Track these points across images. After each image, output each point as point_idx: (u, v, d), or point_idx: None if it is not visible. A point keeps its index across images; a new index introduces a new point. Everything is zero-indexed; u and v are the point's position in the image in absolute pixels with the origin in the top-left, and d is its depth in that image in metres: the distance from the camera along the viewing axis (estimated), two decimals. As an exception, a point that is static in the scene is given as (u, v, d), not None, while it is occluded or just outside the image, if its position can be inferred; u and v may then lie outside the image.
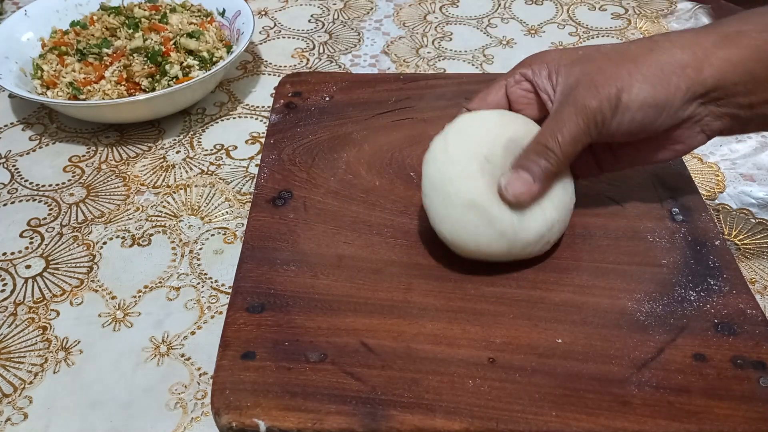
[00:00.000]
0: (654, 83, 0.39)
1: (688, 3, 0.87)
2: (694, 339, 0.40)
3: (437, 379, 0.38)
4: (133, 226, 0.58)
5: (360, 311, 0.42)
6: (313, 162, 0.53)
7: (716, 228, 0.47)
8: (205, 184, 0.62)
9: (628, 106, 0.39)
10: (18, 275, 0.54)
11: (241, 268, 0.45)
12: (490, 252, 0.42)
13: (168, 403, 0.46)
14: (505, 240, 0.42)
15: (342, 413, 0.36)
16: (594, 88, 0.40)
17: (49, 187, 0.62)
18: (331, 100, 0.59)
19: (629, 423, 0.36)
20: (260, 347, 0.39)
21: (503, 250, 0.42)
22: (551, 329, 0.40)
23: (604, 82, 0.40)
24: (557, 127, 0.41)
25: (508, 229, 0.41)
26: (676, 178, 0.51)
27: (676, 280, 0.43)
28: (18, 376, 0.47)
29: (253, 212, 0.49)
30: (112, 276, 0.54)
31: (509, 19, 0.86)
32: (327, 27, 0.85)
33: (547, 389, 0.37)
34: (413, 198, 0.49)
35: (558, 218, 0.43)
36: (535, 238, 0.42)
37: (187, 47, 0.69)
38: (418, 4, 0.89)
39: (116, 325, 0.51)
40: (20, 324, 0.51)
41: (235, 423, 0.36)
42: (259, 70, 0.77)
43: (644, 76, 0.39)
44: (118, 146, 0.67)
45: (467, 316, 0.41)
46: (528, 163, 0.41)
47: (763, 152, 0.65)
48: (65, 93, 0.66)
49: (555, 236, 0.44)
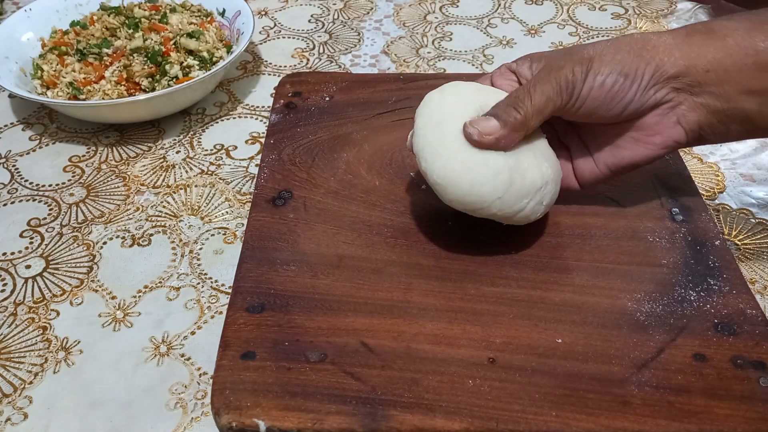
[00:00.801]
0: (625, 54, 0.41)
1: (688, 3, 0.87)
2: (694, 339, 0.40)
3: (437, 379, 0.38)
4: (133, 226, 0.58)
5: (360, 311, 0.42)
6: (313, 162, 0.53)
7: (716, 228, 0.47)
8: (205, 184, 0.62)
9: (600, 70, 0.41)
10: (18, 275, 0.54)
11: (241, 268, 0.45)
12: (483, 193, 0.41)
13: (168, 403, 0.46)
14: (500, 181, 0.41)
15: (342, 413, 0.36)
16: (568, 57, 0.42)
17: (49, 187, 0.62)
18: (331, 100, 0.59)
19: (629, 423, 0.36)
20: (260, 347, 0.40)
21: (498, 191, 0.41)
22: (551, 329, 0.40)
23: (579, 52, 0.42)
24: (531, 85, 0.42)
25: (505, 169, 0.41)
26: (676, 178, 0.51)
27: (676, 280, 0.43)
28: (18, 376, 0.47)
29: (253, 212, 0.49)
30: (112, 276, 0.54)
31: (509, 19, 0.86)
32: (327, 27, 0.85)
33: (547, 389, 0.37)
34: (413, 198, 0.49)
35: (552, 177, 0.43)
36: (531, 188, 0.41)
37: (187, 47, 0.69)
38: (418, 4, 0.89)
39: (116, 325, 0.51)
40: (20, 324, 0.51)
41: (235, 423, 0.36)
42: (259, 70, 0.77)
43: (617, 49, 0.41)
44: (118, 146, 0.67)
45: (467, 316, 0.41)
46: (498, 111, 0.42)
47: (763, 152, 0.65)
48: (65, 93, 0.66)
49: (549, 196, 0.43)
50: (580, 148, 0.46)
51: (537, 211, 0.43)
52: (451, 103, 0.43)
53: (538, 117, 0.42)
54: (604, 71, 0.41)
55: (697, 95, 0.41)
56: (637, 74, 0.41)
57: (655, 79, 0.41)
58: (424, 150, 0.42)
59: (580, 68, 0.41)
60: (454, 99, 0.43)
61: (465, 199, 0.41)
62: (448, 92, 0.44)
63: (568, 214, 0.48)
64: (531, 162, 0.42)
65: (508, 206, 0.41)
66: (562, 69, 0.41)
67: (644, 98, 0.41)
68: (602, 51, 0.41)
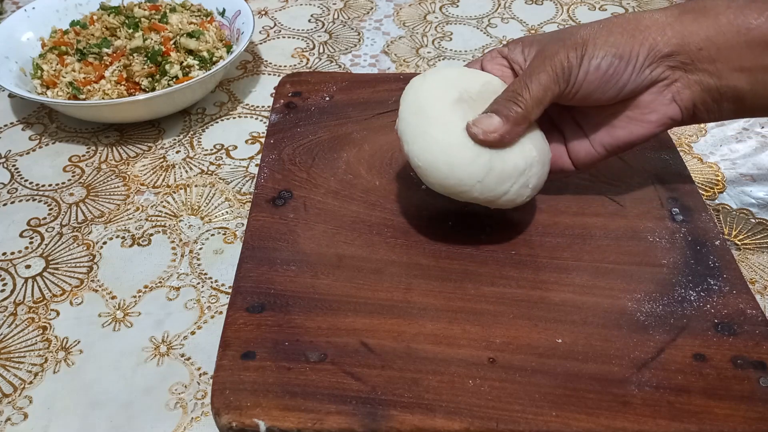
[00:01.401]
0: (618, 36, 0.41)
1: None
2: (694, 339, 0.40)
3: (437, 379, 0.38)
4: (133, 226, 0.58)
5: (360, 311, 0.42)
6: (313, 162, 0.53)
7: (716, 228, 0.47)
8: (205, 184, 0.62)
9: (594, 53, 0.41)
10: (18, 275, 0.54)
11: (241, 268, 0.45)
12: (463, 177, 0.41)
13: (168, 403, 0.46)
14: (480, 164, 0.41)
15: (342, 413, 0.36)
16: (561, 41, 0.42)
17: (49, 187, 0.62)
18: (331, 100, 0.59)
19: (629, 423, 0.36)
20: (260, 347, 0.40)
21: (478, 175, 0.41)
22: (551, 329, 0.40)
23: (571, 36, 0.42)
24: (527, 76, 0.42)
25: (484, 151, 0.41)
26: (676, 178, 0.51)
27: (676, 280, 0.43)
28: (18, 376, 0.47)
29: (253, 212, 0.49)
30: (112, 276, 0.54)
31: (509, 19, 0.86)
32: (327, 27, 0.85)
33: (547, 389, 0.37)
34: (413, 198, 0.49)
35: (538, 159, 0.42)
36: (512, 171, 0.41)
37: (187, 47, 0.69)
38: (418, 4, 0.89)
39: (116, 325, 0.51)
40: (20, 324, 0.51)
41: (235, 423, 0.36)
42: (259, 70, 0.77)
43: (609, 31, 0.41)
44: (118, 146, 0.67)
45: (467, 316, 0.41)
46: (498, 107, 0.42)
47: (763, 152, 0.65)
48: (65, 93, 0.66)
49: (535, 179, 0.43)
50: (574, 129, 0.46)
51: (523, 194, 0.42)
52: (433, 88, 0.43)
53: (538, 107, 0.42)
54: (599, 54, 0.41)
55: (691, 72, 0.41)
56: (632, 55, 0.41)
57: (650, 58, 0.41)
58: (406, 133, 0.43)
59: (574, 53, 0.41)
60: (437, 83, 0.43)
61: (445, 182, 0.42)
62: (430, 77, 0.44)
63: (568, 214, 0.48)
64: (515, 146, 0.42)
65: (489, 190, 0.41)
66: (556, 55, 0.41)
67: (640, 78, 0.41)
68: (595, 33, 0.41)
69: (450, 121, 0.41)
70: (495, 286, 0.43)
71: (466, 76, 0.45)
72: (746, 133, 0.67)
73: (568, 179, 0.49)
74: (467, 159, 0.41)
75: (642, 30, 0.41)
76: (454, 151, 0.41)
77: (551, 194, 0.49)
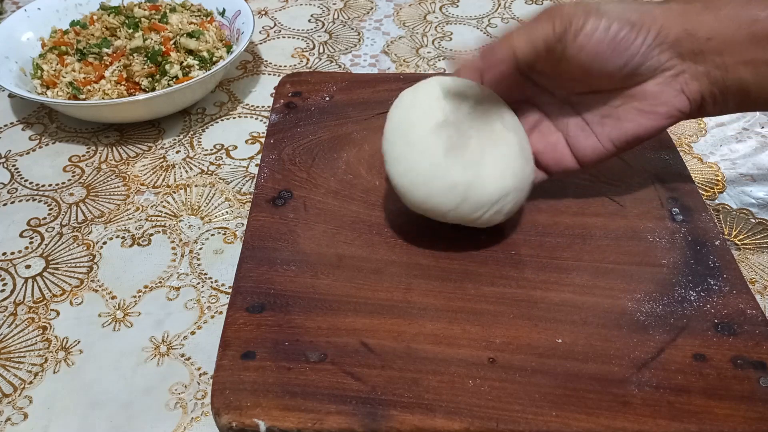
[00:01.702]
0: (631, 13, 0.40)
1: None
2: (694, 339, 0.40)
3: (437, 379, 0.38)
4: (133, 226, 0.58)
5: (360, 311, 0.42)
6: (313, 162, 0.53)
7: (716, 228, 0.47)
8: (205, 184, 0.62)
9: (605, 15, 0.40)
10: (18, 275, 0.54)
11: (241, 268, 0.45)
12: (438, 204, 0.42)
13: (168, 403, 0.46)
14: (454, 195, 0.41)
15: (342, 413, 0.36)
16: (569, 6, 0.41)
17: (49, 187, 0.62)
18: (331, 100, 0.59)
19: (629, 423, 0.36)
20: (260, 347, 0.40)
21: (452, 204, 0.42)
22: (551, 329, 0.40)
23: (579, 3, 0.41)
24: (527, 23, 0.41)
25: (461, 183, 0.41)
26: (676, 178, 0.51)
27: (676, 280, 0.43)
28: (18, 376, 0.47)
29: (253, 212, 0.49)
30: (112, 276, 0.54)
31: (509, 19, 0.86)
32: (327, 27, 0.85)
33: (547, 389, 0.37)
34: (413, 198, 0.49)
35: (514, 187, 0.42)
36: (486, 201, 0.42)
37: (187, 47, 0.69)
38: (418, 4, 0.89)
39: (116, 325, 0.51)
40: (20, 324, 0.51)
41: (235, 423, 0.36)
42: (259, 70, 0.77)
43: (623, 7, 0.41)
44: (118, 146, 0.67)
45: (467, 316, 0.41)
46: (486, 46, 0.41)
47: (763, 152, 0.65)
48: (65, 93, 0.66)
49: (509, 206, 0.43)
50: (578, 126, 0.45)
51: (496, 219, 0.43)
52: (418, 108, 0.43)
53: (527, 45, 0.40)
54: (611, 16, 0.40)
55: (699, 63, 0.41)
56: (643, 28, 0.40)
57: (659, 39, 0.40)
58: (388, 153, 0.43)
59: (583, 9, 0.40)
60: (424, 103, 0.43)
61: (421, 207, 0.43)
62: (420, 95, 0.44)
63: (568, 214, 0.48)
64: (491, 173, 0.41)
65: (462, 216, 0.43)
66: (563, 8, 0.40)
67: (648, 57, 0.41)
68: (606, 2, 0.41)
69: (430, 147, 0.41)
70: (495, 286, 0.43)
71: (458, 92, 0.43)
72: (746, 133, 0.67)
73: (568, 179, 0.49)
74: (443, 189, 0.41)
75: (651, 17, 0.41)
76: (432, 180, 0.41)
77: (551, 194, 0.49)
